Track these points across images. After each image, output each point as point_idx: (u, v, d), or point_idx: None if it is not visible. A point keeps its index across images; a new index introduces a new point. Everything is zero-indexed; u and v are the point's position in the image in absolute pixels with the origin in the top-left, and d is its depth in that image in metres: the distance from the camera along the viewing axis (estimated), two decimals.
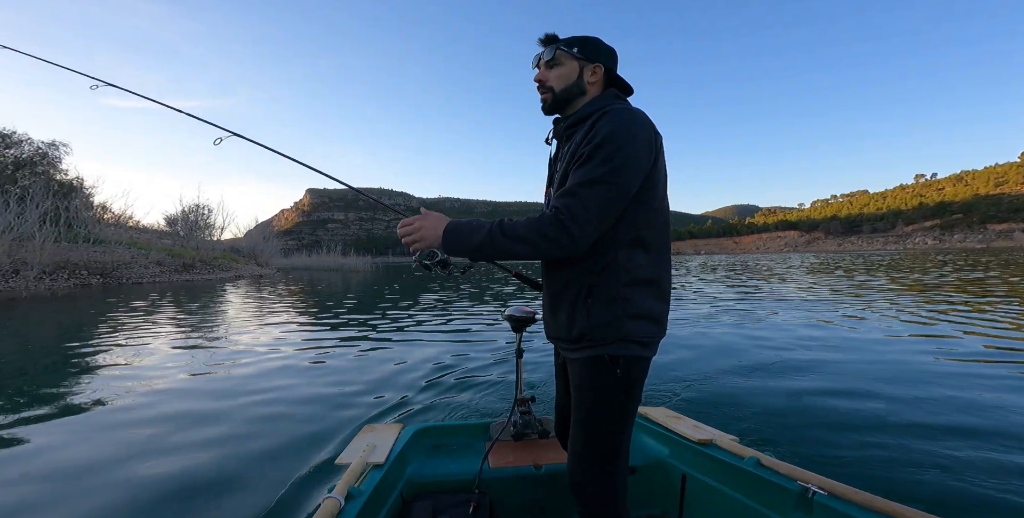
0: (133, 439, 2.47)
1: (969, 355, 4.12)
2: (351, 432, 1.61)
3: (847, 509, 1.05)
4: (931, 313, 6.68)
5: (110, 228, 28.08)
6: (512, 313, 1.68)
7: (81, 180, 29.49)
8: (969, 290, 9.84)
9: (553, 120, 1.16)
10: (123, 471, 2.07)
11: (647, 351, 1.02)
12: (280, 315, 8.04)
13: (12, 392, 3.47)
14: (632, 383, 1.02)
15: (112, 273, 19.51)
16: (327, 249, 48.61)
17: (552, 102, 1.10)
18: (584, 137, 0.98)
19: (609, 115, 0.97)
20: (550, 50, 1.07)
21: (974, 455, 2.16)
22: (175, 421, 2.69)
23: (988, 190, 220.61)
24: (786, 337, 5.23)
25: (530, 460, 1.54)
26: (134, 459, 2.19)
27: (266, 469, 2.04)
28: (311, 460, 2.13)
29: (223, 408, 2.93)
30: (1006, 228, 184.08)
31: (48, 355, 4.84)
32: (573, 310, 1.02)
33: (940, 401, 2.92)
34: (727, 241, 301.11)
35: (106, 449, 2.35)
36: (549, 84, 1.08)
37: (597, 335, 0.98)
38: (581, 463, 1.05)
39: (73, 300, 11.73)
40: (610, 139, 0.92)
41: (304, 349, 4.94)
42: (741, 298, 9.71)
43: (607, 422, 1.02)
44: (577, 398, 1.05)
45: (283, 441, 2.37)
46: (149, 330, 6.38)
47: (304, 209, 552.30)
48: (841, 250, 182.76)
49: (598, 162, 0.92)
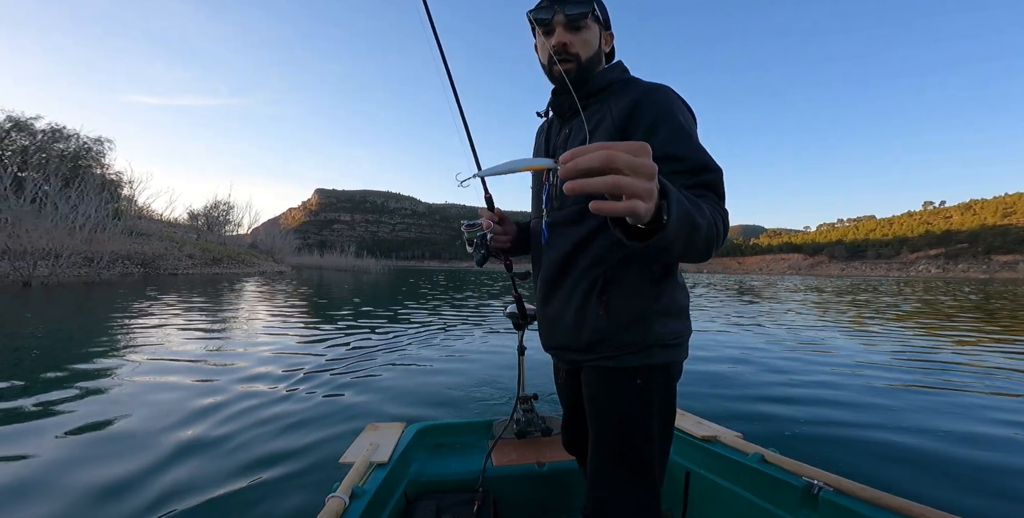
0: (140, 432, 2.43)
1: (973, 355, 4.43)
2: (354, 431, 1.66)
3: (853, 505, 1.04)
4: (932, 320, 7.48)
5: (142, 221, 29.91)
6: (514, 311, 1.66)
7: (120, 175, 31.51)
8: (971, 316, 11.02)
9: (553, 91, 0.96)
10: (123, 471, 1.99)
11: (679, 354, 0.88)
12: (300, 313, 8.22)
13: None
14: (666, 393, 0.87)
15: (151, 264, 21.20)
16: (341, 250, 50.18)
17: (577, 74, 0.88)
18: (628, 117, 0.82)
19: (655, 88, 0.85)
20: (584, 5, 0.86)
21: (976, 454, 2.22)
22: (175, 421, 2.64)
23: (995, 220, 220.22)
24: (786, 336, 5.51)
25: (533, 458, 1.54)
26: (135, 457, 2.15)
27: (269, 468, 2.04)
28: (314, 459, 2.14)
29: (224, 407, 2.89)
30: (1011, 259, 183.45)
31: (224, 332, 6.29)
32: (582, 311, 0.87)
33: (941, 400, 3.03)
34: (730, 261, 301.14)
35: (108, 446, 2.29)
36: (574, 50, 0.87)
37: (618, 341, 0.83)
38: (599, 484, 0.87)
39: (132, 286, 13.30)
40: (685, 126, 0.79)
41: (308, 346, 4.92)
42: (737, 300, 10.56)
43: (636, 440, 0.85)
44: (593, 414, 0.89)
45: (286, 440, 2.37)
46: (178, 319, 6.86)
47: (312, 209, 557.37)
48: (843, 274, 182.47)
49: (688, 133, 0.78)
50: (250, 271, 27.27)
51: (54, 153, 29.96)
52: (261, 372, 3.75)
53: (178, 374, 3.62)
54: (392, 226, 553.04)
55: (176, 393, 3.14)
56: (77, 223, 16.94)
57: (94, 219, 17.97)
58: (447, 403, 3.03)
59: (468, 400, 3.09)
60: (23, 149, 29.92)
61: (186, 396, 3.09)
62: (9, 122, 29.41)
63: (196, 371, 3.72)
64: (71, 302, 9.01)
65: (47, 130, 30.38)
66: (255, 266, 29.41)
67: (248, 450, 2.24)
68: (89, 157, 31.14)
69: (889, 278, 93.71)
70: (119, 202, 23.63)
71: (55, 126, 30.71)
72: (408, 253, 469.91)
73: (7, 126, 29.39)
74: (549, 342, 0.99)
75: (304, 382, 3.47)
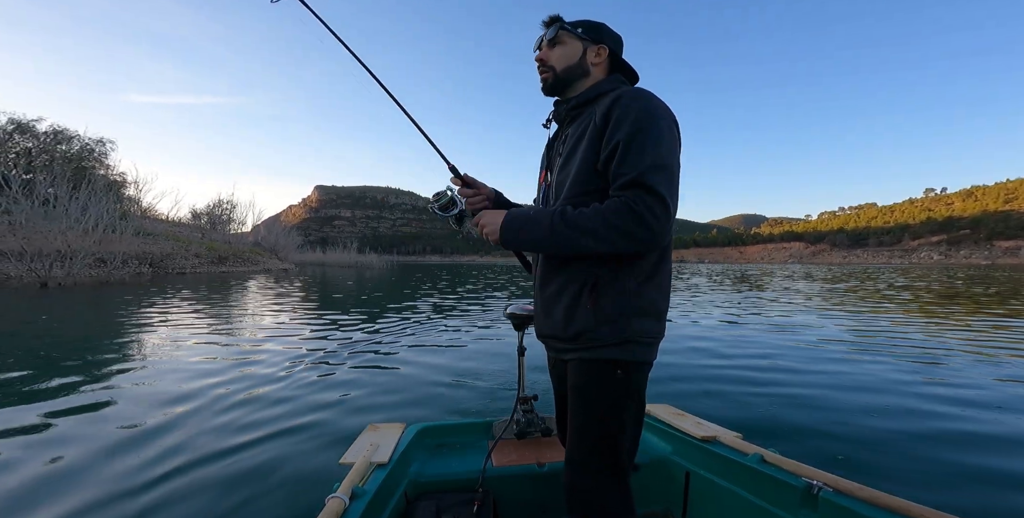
0: (139, 435, 2.42)
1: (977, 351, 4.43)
2: (354, 431, 1.68)
3: (853, 505, 1.05)
4: (930, 314, 7.44)
5: (147, 221, 30.24)
6: (513, 311, 1.67)
7: (124, 175, 31.77)
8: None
9: (554, 102, 1.11)
10: (122, 472, 2.00)
11: (650, 354, 0.96)
12: (305, 310, 8.34)
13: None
14: (638, 388, 0.96)
15: (159, 263, 21.56)
16: (343, 246, 50.48)
17: (553, 82, 1.06)
18: (605, 121, 0.92)
19: (630, 96, 0.92)
20: (553, 29, 1.04)
21: (978, 453, 2.21)
22: (177, 419, 2.68)
23: (997, 206, 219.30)
24: (785, 336, 5.47)
25: (533, 458, 1.54)
26: (137, 455, 2.16)
27: (269, 469, 2.05)
28: (314, 460, 2.15)
29: (226, 406, 2.92)
30: (1013, 245, 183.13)
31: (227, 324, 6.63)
32: (574, 304, 0.96)
33: (941, 401, 3.01)
34: (731, 251, 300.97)
35: (105, 445, 2.30)
36: (550, 63, 1.05)
37: (600, 333, 0.92)
38: (579, 474, 0.96)
39: (146, 285, 13.63)
40: (646, 120, 0.89)
41: (310, 345, 4.96)
42: (736, 292, 10.39)
43: (613, 430, 0.94)
44: (575, 403, 0.98)
45: (286, 440, 2.38)
46: (190, 318, 7.23)
47: (312, 206, 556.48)
48: (846, 262, 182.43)
49: (647, 146, 0.87)
50: (255, 269, 27.62)
51: (57, 155, 30.19)
52: (261, 372, 3.77)
53: (180, 375, 3.68)
54: (393, 221, 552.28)
55: (177, 394, 3.17)
56: (90, 224, 17.27)
57: (106, 220, 18.30)
58: (447, 403, 3.05)
59: (468, 400, 3.10)
60: (27, 151, 30.16)
61: (188, 394, 3.14)
62: (12, 124, 29.62)
63: (210, 372, 3.74)
64: (97, 302, 9.35)
65: (49, 132, 30.61)
66: (260, 264, 29.74)
67: (248, 450, 2.26)
68: (92, 158, 31.38)
69: (891, 265, 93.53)
70: (122, 203, 23.88)
71: (57, 128, 30.92)
72: (409, 248, 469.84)
73: (10, 128, 29.60)
74: (542, 331, 1.09)
75: (304, 382, 3.50)
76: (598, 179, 0.95)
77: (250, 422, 2.65)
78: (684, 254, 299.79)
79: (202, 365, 4.03)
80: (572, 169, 0.98)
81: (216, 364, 4.08)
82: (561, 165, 1.02)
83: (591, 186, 0.95)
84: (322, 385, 3.45)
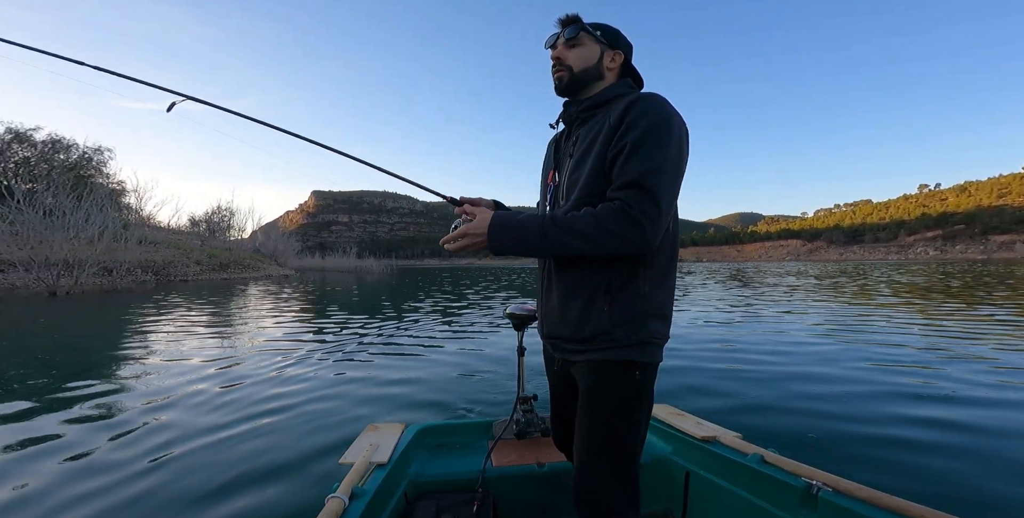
0: (139, 435, 2.45)
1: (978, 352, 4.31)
2: (354, 431, 1.68)
3: (852, 505, 1.05)
4: (931, 312, 7.39)
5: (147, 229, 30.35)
6: (513, 311, 1.67)
7: (123, 184, 31.87)
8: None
9: (564, 103, 1.10)
10: (122, 472, 2.02)
11: (660, 355, 0.98)
12: (306, 312, 8.46)
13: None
14: (649, 389, 0.97)
15: (162, 271, 21.69)
16: (342, 251, 50.61)
17: (568, 81, 1.04)
18: (620, 122, 0.92)
19: (646, 100, 0.93)
20: (573, 29, 1.03)
21: (979, 453, 2.20)
22: (177, 419, 2.71)
23: (991, 201, 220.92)
24: (785, 335, 5.46)
25: (533, 458, 1.54)
26: (137, 455, 2.18)
27: (269, 469, 2.05)
28: (314, 460, 2.15)
29: (226, 406, 2.96)
30: (1008, 240, 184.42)
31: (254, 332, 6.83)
32: (588, 306, 0.95)
33: (942, 399, 2.99)
34: (729, 249, 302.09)
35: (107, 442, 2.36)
36: (568, 63, 1.04)
37: (617, 335, 0.92)
38: (587, 475, 0.97)
39: (151, 293, 13.80)
40: (659, 125, 0.89)
41: (310, 346, 5.00)
42: (732, 292, 10.61)
43: (622, 431, 0.95)
44: (585, 404, 0.97)
45: (286, 440, 2.38)
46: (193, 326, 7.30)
47: (309, 211, 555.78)
48: (842, 259, 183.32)
49: (654, 149, 0.87)
50: (256, 275, 27.74)
51: (56, 164, 30.27)
52: (263, 372, 3.82)
53: (182, 375, 3.74)
54: (390, 225, 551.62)
55: (178, 393, 3.23)
56: (95, 233, 17.42)
57: (111, 229, 18.46)
58: (447, 403, 3.05)
59: (468, 400, 3.10)
60: (25, 160, 30.25)
61: (188, 394, 3.20)
62: (9, 134, 29.71)
63: (215, 376, 3.74)
64: (106, 310, 9.53)
65: (47, 141, 30.73)
66: (260, 270, 29.86)
67: (248, 450, 2.27)
68: (91, 167, 31.48)
69: (887, 261, 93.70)
70: (121, 211, 24.03)
71: (55, 137, 31.02)
72: (407, 252, 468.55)
73: (7, 138, 29.69)
74: (550, 332, 1.06)
75: (304, 382, 3.53)
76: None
77: (250, 422, 2.67)
78: (682, 253, 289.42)
79: (203, 365, 4.12)
80: (585, 170, 0.97)
81: (217, 364, 4.15)
82: (573, 166, 1.01)
83: (604, 186, 0.94)
84: (322, 385, 3.47)
